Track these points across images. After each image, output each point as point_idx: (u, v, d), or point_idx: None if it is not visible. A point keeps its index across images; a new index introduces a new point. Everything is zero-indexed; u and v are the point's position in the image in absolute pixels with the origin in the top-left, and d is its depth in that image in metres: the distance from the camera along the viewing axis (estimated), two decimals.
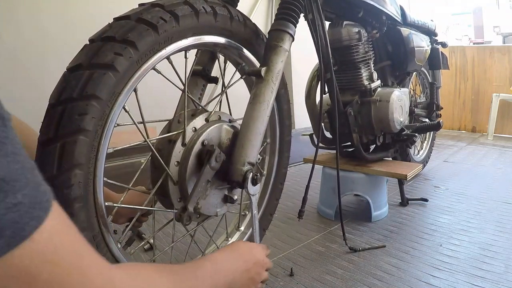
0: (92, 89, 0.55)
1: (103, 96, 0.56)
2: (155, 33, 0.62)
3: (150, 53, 0.63)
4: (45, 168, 0.53)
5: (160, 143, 0.75)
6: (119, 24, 0.61)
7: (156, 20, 0.62)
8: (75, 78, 0.55)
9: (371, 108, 1.37)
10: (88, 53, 0.58)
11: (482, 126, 3.31)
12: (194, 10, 0.69)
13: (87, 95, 0.55)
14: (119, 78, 0.58)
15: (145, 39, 0.61)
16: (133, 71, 0.61)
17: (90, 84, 0.55)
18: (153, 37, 0.62)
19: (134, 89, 0.64)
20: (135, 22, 0.62)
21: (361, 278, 1.03)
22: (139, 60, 0.62)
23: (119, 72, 0.58)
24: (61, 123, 0.54)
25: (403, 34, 1.49)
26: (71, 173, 0.54)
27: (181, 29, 0.67)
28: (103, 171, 0.61)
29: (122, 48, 0.58)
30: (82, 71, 0.56)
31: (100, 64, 0.56)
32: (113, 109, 0.59)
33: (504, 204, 1.55)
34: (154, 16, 0.63)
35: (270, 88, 0.78)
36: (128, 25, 0.61)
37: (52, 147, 0.53)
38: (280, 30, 0.83)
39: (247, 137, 0.75)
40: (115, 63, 0.57)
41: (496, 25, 4.93)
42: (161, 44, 0.65)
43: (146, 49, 0.62)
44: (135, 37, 0.60)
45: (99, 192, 0.61)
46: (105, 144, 0.59)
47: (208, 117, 0.79)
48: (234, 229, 1.06)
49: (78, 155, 0.54)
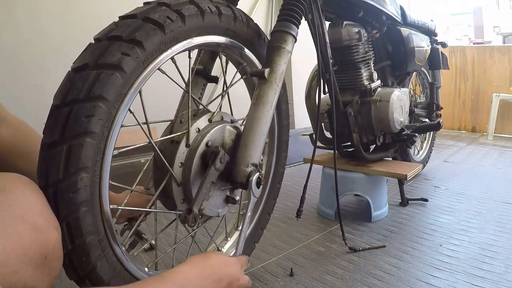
0: (100, 90, 0.53)
1: (110, 97, 0.55)
2: (162, 32, 0.61)
3: (156, 53, 0.62)
4: (50, 172, 0.52)
5: (162, 143, 0.74)
6: (126, 23, 0.60)
7: (163, 20, 0.61)
8: (81, 79, 0.54)
9: (371, 108, 1.37)
10: (95, 52, 0.56)
11: (482, 126, 3.31)
12: (200, 10, 0.69)
13: (94, 97, 0.53)
14: (126, 79, 0.57)
15: (152, 39, 0.60)
16: (139, 71, 0.60)
17: (97, 85, 0.53)
18: (160, 37, 0.61)
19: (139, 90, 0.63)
20: (142, 21, 0.60)
21: (361, 278, 1.03)
22: (146, 60, 0.60)
23: (126, 72, 0.57)
24: (67, 125, 0.52)
25: (403, 34, 1.49)
26: (77, 176, 0.53)
27: (187, 29, 0.67)
28: (109, 174, 0.60)
29: (130, 48, 0.57)
30: (89, 71, 0.54)
31: (107, 65, 0.55)
32: (119, 111, 0.58)
33: (504, 204, 1.55)
34: (161, 15, 0.62)
35: (274, 89, 0.78)
36: (135, 24, 0.60)
37: (58, 150, 0.52)
38: (283, 32, 0.83)
39: (251, 138, 0.75)
40: (122, 63, 0.56)
41: (496, 25, 4.94)
42: (167, 44, 0.64)
43: (153, 49, 0.61)
44: (142, 37, 0.58)
45: (104, 195, 0.60)
46: (111, 146, 0.58)
47: (211, 117, 0.78)
48: (233, 228, 1.06)
49: (84, 158, 0.53)
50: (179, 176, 0.72)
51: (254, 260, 1.08)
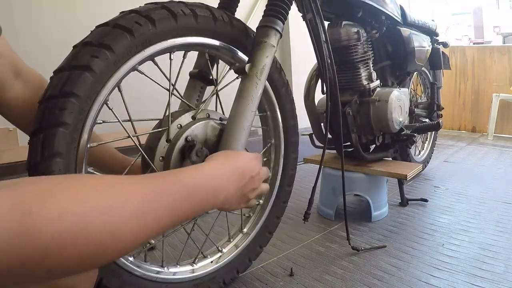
0: (70, 87, 0.61)
1: (80, 93, 0.62)
2: (130, 36, 0.67)
3: (128, 54, 0.68)
4: (32, 156, 0.60)
5: (150, 141, 0.79)
6: (98, 31, 0.67)
7: (131, 25, 0.67)
8: (57, 79, 0.62)
9: (370, 108, 1.37)
10: (70, 57, 0.65)
11: (482, 126, 3.31)
12: (171, 13, 0.72)
13: (66, 92, 0.61)
14: (96, 78, 0.64)
15: (121, 42, 0.66)
16: (111, 71, 0.66)
17: (68, 82, 0.61)
18: (129, 40, 0.67)
19: (118, 88, 0.69)
20: (112, 27, 0.67)
21: (361, 278, 1.02)
22: (117, 61, 0.66)
23: (96, 72, 0.63)
24: (44, 117, 0.60)
25: (403, 34, 1.49)
26: (52, 160, 0.60)
27: (159, 31, 0.71)
28: (85, 162, 0.67)
29: (98, 51, 0.64)
30: (63, 72, 0.62)
31: (78, 66, 0.62)
32: (93, 106, 0.65)
33: (504, 204, 1.54)
34: (129, 21, 0.68)
35: (254, 83, 0.79)
36: (105, 30, 0.66)
37: (37, 137, 0.60)
38: (266, 27, 0.84)
39: (231, 132, 0.76)
40: (91, 64, 0.63)
41: (496, 25, 4.94)
42: (138, 46, 0.69)
43: (123, 51, 0.67)
44: (110, 41, 0.65)
45: None
46: (86, 136, 0.65)
47: (195, 114, 0.81)
48: (237, 231, 1.05)
49: (58, 145, 0.60)
50: (160, 170, 0.76)
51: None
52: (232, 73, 0.88)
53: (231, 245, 1.02)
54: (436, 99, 1.96)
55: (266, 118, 1.03)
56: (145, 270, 0.79)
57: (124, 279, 0.74)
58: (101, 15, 0.87)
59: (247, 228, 1.05)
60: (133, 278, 0.76)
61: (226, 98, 0.94)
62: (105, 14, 0.80)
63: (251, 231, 1.04)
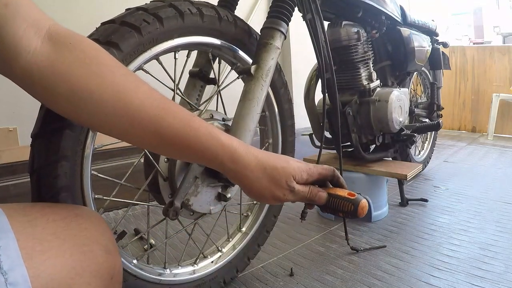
0: None
1: None
2: (138, 34, 0.66)
3: (135, 53, 0.67)
4: (35, 158, 0.59)
5: None
6: (104, 28, 0.65)
7: (139, 23, 0.66)
8: None
9: (370, 108, 1.37)
10: None
11: (482, 126, 3.31)
12: (178, 12, 0.72)
13: None
14: None
15: (128, 41, 0.65)
16: None
17: None
18: (137, 39, 0.66)
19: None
20: (119, 25, 0.65)
21: (361, 278, 1.02)
22: (124, 60, 0.65)
23: None
24: (48, 119, 0.58)
25: (403, 34, 1.49)
26: (57, 164, 0.59)
27: (166, 30, 0.70)
28: (90, 164, 0.65)
29: (106, 49, 0.61)
30: None
31: None
32: None
33: (504, 204, 1.54)
34: (137, 18, 0.66)
35: (260, 85, 0.79)
36: (112, 28, 0.65)
37: (42, 140, 0.59)
38: (271, 28, 0.83)
39: (236, 134, 0.76)
40: None
41: (496, 25, 4.94)
42: (145, 45, 0.68)
43: (130, 50, 0.66)
44: (118, 39, 0.63)
45: (86, 184, 0.65)
46: (92, 138, 0.64)
47: (199, 115, 0.80)
48: (236, 230, 1.05)
49: (63, 148, 0.59)
50: (165, 171, 0.76)
51: (254, 260, 1.08)
52: (232, 72, 0.88)
53: (230, 244, 1.02)
54: (436, 99, 1.96)
55: (265, 118, 1.03)
56: (149, 273, 0.79)
57: (128, 283, 0.74)
58: (101, 15, 0.87)
59: (246, 227, 1.05)
60: (138, 282, 0.76)
61: (225, 97, 0.94)
62: (105, 14, 0.80)
63: (249, 230, 1.05)
